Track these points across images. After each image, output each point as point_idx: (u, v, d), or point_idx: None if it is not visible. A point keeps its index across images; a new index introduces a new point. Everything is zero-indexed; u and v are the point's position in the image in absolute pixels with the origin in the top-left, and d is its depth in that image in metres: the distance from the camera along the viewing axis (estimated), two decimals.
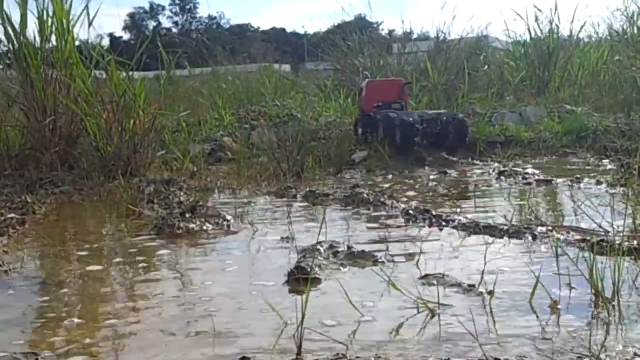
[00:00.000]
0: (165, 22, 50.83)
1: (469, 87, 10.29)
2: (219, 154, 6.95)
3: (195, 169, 6.25)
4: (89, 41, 6.51)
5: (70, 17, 6.05)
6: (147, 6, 49.45)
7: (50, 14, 5.97)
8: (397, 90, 7.32)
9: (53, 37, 6.01)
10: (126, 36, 45.53)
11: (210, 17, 49.46)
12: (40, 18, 6.03)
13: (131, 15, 48.39)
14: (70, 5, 6.04)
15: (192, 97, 13.25)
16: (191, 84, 14.21)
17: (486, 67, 11.60)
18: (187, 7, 49.56)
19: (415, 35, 15.37)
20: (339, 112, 8.84)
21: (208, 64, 24.19)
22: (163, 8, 51.05)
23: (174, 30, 46.66)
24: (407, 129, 6.33)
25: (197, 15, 50.59)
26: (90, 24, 6.13)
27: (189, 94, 13.65)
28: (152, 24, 49.24)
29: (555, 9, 11.22)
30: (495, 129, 6.88)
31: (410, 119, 6.45)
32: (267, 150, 6.63)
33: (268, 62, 24.25)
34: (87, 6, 6.12)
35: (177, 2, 48.89)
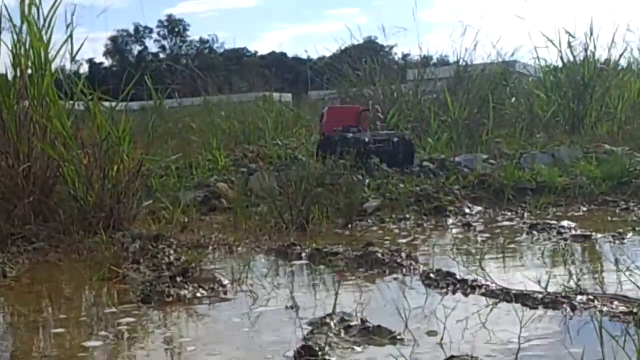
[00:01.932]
0: (152, 47, 51.39)
1: (494, 122, 10.35)
2: (213, 202, 6.97)
3: (186, 220, 6.26)
4: (68, 69, 6.62)
5: (50, 48, 6.12)
6: (131, 29, 49.98)
7: (27, 45, 6.04)
8: (355, 117, 8.73)
9: (29, 71, 6.08)
10: (107, 62, 46.03)
11: (202, 41, 50.03)
12: (14, 49, 6.11)
13: (113, 39, 48.95)
14: (51, 35, 6.12)
15: (181, 133, 13.38)
16: (180, 117, 14.34)
17: (513, 99, 11.67)
18: (176, 29, 50.15)
19: (434, 60, 15.52)
20: None
21: (199, 93, 24.49)
22: (150, 31, 51.61)
23: (162, 55, 47.16)
24: (361, 147, 7.52)
25: (188, 39, 51.16)
26: (73, 58, 6.21)
27: (178, 130, 13.79)
28: (137, 48, 49.78)
29: (591, 33, 11.33)
30: (525, 173, 6.89)
31: (365, 138, 7.78)
32: (267, 198, 6.64)
33: (267, 92, 24.45)
34: (71, 36, 6.20)
35: (165, 24, 49.49)
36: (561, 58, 11.77)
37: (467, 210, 6.25)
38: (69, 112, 5.94)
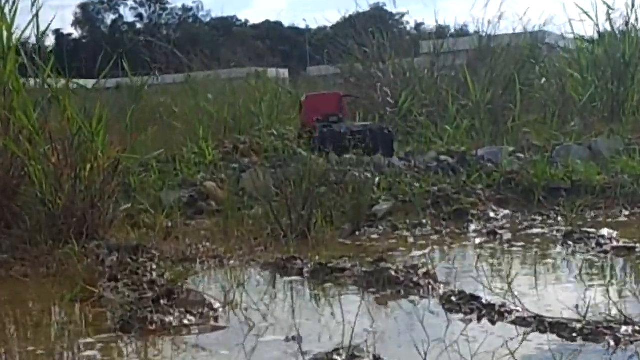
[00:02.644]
0: (128, 16, 51.09)
1: (521, 106, 10.32)
2: (200, 204, 6.95)
3: (170, 225, 6.25)
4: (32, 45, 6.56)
5: (14, 29, 6.09)
6: None
7: None
8: (335, 104, 9.30)
9: None
10: (77, 33, 45.81)
11: (185, 9, 49.82)
12: None
13: (83, 7, 48.68)
14: (15, 15, 6.09)
15: (162, 118, 13.37)
16: (161, 101, 14.31)
17: (543, 80, 11.63)
18: None
19: (451, 31, 15.46)
20: None
21: (182, 69, 24.36)
22: None
23: (139, 25, 46.94)
24: (339, 140, 8.03)
25: (168, 7, 50.87)
26: (40, 37, 6.18)
27: (159, 114, 13.77)
28: (110, 17, 49.48)
29: (632, 4, 11.24)
30: (558, 171, 6.86)
31: (341, 130, 8.34)
32: (262, 200, 6.63)
33: (260, 67, 24.40)
34: (37, 14, 6.17)
35: None
36: (598, 33, 11.72)
37: (491, 215, 6.24)
38: (35, 103, 5.90)
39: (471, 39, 13.84)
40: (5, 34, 5.97)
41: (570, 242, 5.20)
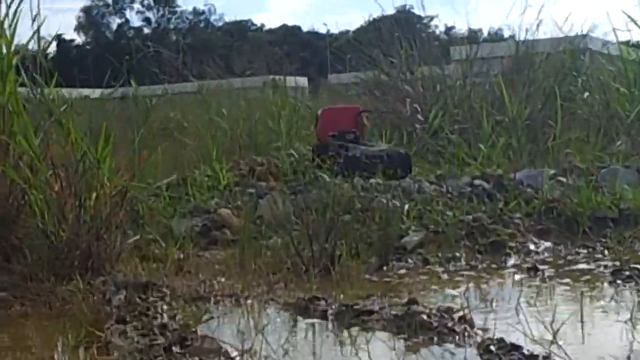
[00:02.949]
0: (134, 20, 51.19)
1: (562, 123, 10.27)
2: (214, 234, 6.95)
3: (182, 257, 6.25)
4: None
5: (14, 45, 6.12)
6: None
7: None
8: (352, 119, 9.58)
9: None
10: (80, 39, 46.02)
11: (196, 12, 49.95)
12: None
13: (87, 10, 48.91)
14: (15, 30, 6.12)
15: (172, 133, 13.42)
16: (171, 116, 14.35)
17: (586, 94, 11.57)
18: None
19: (484, 36, 15.43)
20: None
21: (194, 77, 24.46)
22: (131, 0, 51.50)
23: (146, 30, 47.10)
24: (356, 165, 8.33)
25: (178, 10, 50.94)
26: (43, 52, 6.21)
27: (168, 130, 13.81)
28: (115, 21, 49.61)
29: None
30: (604, 198, 6.79)
31: (357, 154, 8.63)
32: (282, 230, 6.64)
33: (277, 75, 24.40)
34: (38, 30, 6.21)
35: None
36: None
37: (532, 247, 6.20)
38: (36, 126, 5.92)
39: (507, 46, 13.82)
40: (4, 50, 6.00)
41: (619, 281, 5.14)
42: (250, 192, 7.69)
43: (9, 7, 6.09)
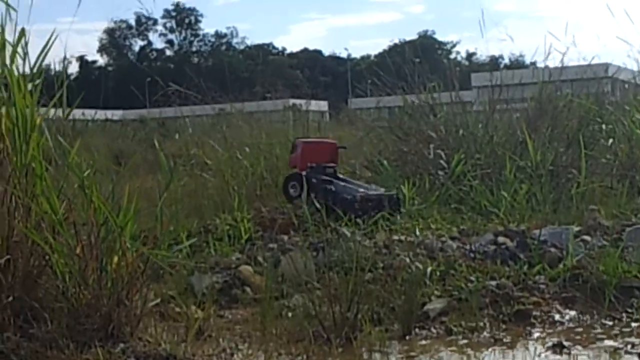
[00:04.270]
0: (157, 42, 51.24)
1: (586, 172, 10.17)
2: (234, 292, 6.90)
3: (201, 317, 6.20)
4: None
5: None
6: (132, 19, 49.77)
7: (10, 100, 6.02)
8: (330, 153, 9.92)
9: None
10: (102, 60, 46.20)
11: (218, 35, 49.99)
12: None
13: (110, 32, 49.02)
14: (40, 92, 6.11)
15: (193, 170, 13.42)
16: (193, 152, 14.32)
17: (610, 140, 11.46)
18: (187, 21, 50.09)
19: (505, 61, 15.44)
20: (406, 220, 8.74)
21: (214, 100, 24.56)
22: (154, 22, 51.52)
23: (168, 52, 47.22)
24: (350, 207, 8.71)
25: (200, 33, 50.91)
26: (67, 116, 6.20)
27: (189, 168, 13.77)
28: (138, 43, 49.69)
29: None
30: (632, 267, 6.64)
31: (347, 197, 8.99)
32: (302, 289, 6.61)
33: (297, 99, 24.38)
34: (62, 87, 6.18)
35: (172, 14, 49.40)
36: None
37: (556, 317, 6.11)
38: (59, 188, 5.89)
39: (529, 73, 13.74)
40: (28, 113, 5.97)
41: None
42: (272, 247, 7.63)
43: (32, 67, 6.09)
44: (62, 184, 5.93)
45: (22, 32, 6.21)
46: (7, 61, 6.10)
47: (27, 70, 6.31)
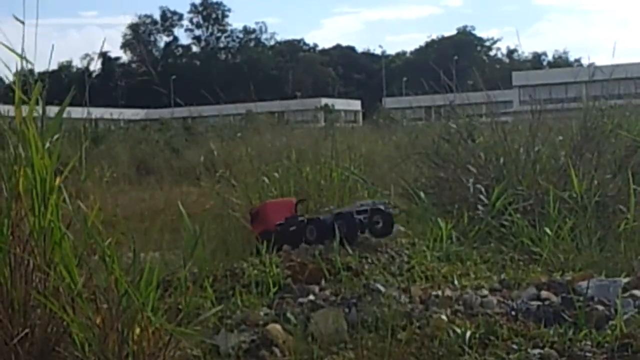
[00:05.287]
0: (183, 37, 50.96)
1: (635, 209, 9.94)
2: (262, 353, 6.76)
3: None
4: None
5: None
6: (156, 14, 49.42)
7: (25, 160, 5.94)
8: (291, 209, 10.30)
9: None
10: (126, 57, 46.18)
11: (247, 31, 49.79)
12: (9, 161, 6.04)
13: (134, 28, 48.89)
14: (59, 149, 6.03)
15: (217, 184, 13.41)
16: (220, 174, 14.28)
17: None
18: (214, 16, 49.84)
19: (548, 59, 15.27)
20: (443, 268, 8.56)
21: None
22: (180, 17, 51.25)
23: (195, 48, 47.05)
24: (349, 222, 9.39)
25: (228, 28, 50.60)
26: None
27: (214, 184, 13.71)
28: (163, 39, 49.51)
29: None
30: None
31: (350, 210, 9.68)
32: (333, 351, 6.50)
33: (329, 98, 24.22)
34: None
35: (199, 9, 49.13)
36: None
37: None
38: (79, 257, 5.79)
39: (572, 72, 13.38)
40: (47, 174, 5.88)
41: None
42: (302, 302, 7.49)
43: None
44: (81, 253, 5.85)
45: (40, 82, 6.17)
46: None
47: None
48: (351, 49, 43.71)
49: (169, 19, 47.35)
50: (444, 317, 6.99)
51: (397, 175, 12.96)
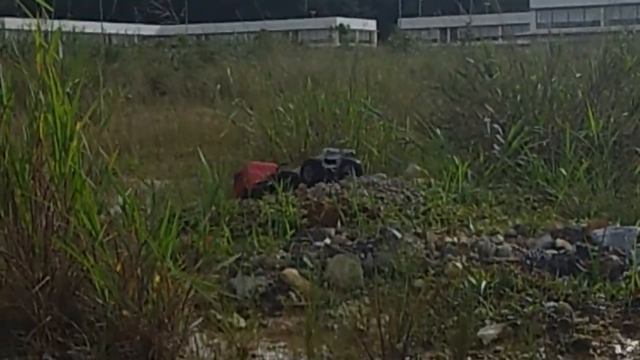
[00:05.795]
0: None
1: None
2: (278, 298, 6.88)
3: (244, 326, 6.25)
4: None
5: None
6: None
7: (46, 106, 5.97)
8: (273, 173, 10.22)
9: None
10: None
11: None
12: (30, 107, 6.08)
13: None
14: (79, 93, 6.06)
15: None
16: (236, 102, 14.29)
17: None
18: None
19: None
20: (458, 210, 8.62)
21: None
22: None
23: None
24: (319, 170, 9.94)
25: None
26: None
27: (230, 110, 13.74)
28: None
29: None
30: None
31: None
32: (349, 297, 6.61)
33: (344, 17, 24.03)
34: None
35: None
36: None
37: (617, 350, 5.99)
38: (100, 204, 5.87)
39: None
40: (67, 120, 5.92)
41: None
42: (318, 246, 7.57)
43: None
44: (102, 200, 5.92)
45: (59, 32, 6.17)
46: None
47: None
48: None
49: None
50: (459, 264, 7.09)
51: (412, 108, 12.92)
